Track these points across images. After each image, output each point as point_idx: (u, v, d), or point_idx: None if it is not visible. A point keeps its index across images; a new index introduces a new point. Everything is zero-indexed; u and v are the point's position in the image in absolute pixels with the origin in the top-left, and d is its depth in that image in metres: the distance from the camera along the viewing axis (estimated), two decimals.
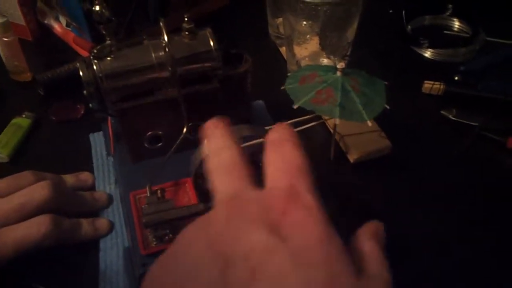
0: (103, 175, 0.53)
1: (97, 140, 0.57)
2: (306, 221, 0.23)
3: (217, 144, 0.28)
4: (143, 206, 0.41)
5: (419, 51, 0.74)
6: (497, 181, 0.54)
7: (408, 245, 0.48)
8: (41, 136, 0.59)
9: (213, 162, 0.27)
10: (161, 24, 0.45)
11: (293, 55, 0.65)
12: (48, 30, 0.75)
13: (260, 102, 0.63)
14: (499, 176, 0.55)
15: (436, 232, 0.49)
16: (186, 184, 0.47)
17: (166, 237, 0.42)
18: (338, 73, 0.47)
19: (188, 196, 0.46)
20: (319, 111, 0.47)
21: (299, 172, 0.26)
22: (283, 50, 0.72)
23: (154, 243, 0.42)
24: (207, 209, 0.41)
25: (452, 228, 0.50)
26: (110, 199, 0.50)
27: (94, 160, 0.54)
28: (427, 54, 0.74)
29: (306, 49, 0.64)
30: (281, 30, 0.73)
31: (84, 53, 0.69)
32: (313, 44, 0.64)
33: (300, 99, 0.47)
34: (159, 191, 0.43)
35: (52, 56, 0.72)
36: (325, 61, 0.65)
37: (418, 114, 0.63)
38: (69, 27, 0.72)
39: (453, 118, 0.61)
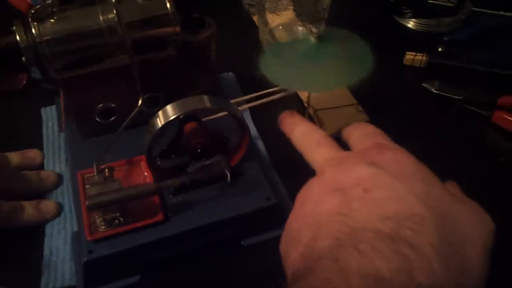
0: (53, 153, 0.48)
1: (49, 115, 0.52)
2: (398, 155, 0.29)
3: (304, 128, 0.34)
4: (86, 186, 0.36)
5: (401, 21, 0.70)
6: (481, 157, 0.51)
7: None
8: None
9: (307, 142, 0.32)
10: None
11: (266, 23, 0.60)
12: None
13: (230, 74, 0.59)
14: (483, 152, 0.51)
15: None
16: (141, 163, 0.43)
17: (116, 221, 0.37)
18: (312, 39, 0.42)
19: (143, 175, 0.42)
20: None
21: (381, 136, 0.32)
22: (256, 19, 0.67)
23: (103, 227, 0.37)
24: (158, 188, 0.37)
25: None
26: (59, 179, 0.45)
27: (45, 137, 0.50)
28: (410, 24, 0.69)
29: (279, 16, 0.59)
30: None
31: None
32: (287, 11, 0.59)
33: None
34: (106, 170, 0.38)
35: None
36: (299, 29, 0.61)
37: (398, 87, 0.59)
38: None
39: (435, 91, 0.57)
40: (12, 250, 0.41)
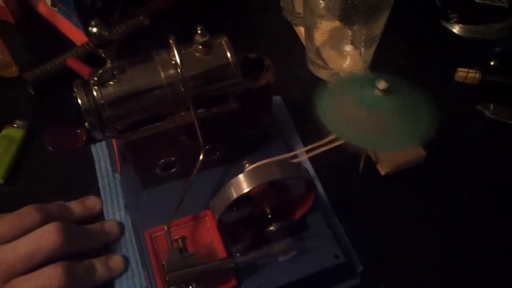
0: (110, 198, 0.47)
1: (100, 153, 0.51)
2: None
3: None
4: (164, 263, 0.36)
5: (448, 26, 0.67)
6: None
7: (449, 264, 0.45)
8: (37, 149, 0.52)
9: None
10: (170, 41, 0.38)
11: (313, 41, 0.58)
12: (31, 9, 0.66)
13: (278, 98, 0.57)
14: None
15: (477, 247, 0.46)
16: (206, 218, 0.42)
17: (190, 287, 0.38)
18: (377, 93, 0.40)
19: (210, 234, 0.41)
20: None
21: None
22: (299, 30, 0.65)
23: None
24: (235, 264, 0.37)
25: (494, 243, 0.46)
26: (121, 229, 0.45)
27: (100, 180, 0.49)
28: (456, 30, 0.66)
29: (326, 34, 0.56)
30: (296, 5, 0.64)
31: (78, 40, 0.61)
32: (334, 30, 0.57)
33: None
34: (180, 241, 0.38)
35: (38, 43, 0.63)
36: (348, 48, 0.58)
37: (451, 109, 0.56)
38: (55, 7, 0.63)
39: (490, 116, 0.55)
40: None
